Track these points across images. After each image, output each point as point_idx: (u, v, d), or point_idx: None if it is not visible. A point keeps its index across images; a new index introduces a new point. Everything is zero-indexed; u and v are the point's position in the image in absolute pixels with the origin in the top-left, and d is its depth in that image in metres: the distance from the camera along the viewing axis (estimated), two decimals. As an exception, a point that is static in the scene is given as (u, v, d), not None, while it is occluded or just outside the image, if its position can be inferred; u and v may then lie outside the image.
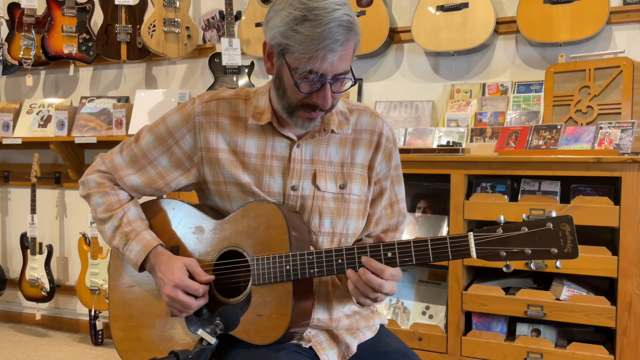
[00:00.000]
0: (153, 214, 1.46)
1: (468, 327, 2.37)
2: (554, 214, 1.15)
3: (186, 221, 1.42)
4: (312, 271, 1.26)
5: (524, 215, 1.18)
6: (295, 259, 1.27)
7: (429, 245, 1.20)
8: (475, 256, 1.18)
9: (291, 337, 1.30)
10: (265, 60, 1.32)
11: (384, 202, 1.47)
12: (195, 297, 1.32)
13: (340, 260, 1.26)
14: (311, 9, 1.19)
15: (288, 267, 1.27)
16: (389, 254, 1.23)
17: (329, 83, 1.24)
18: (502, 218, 1.18)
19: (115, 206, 1.42)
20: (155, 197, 1.50)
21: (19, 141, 3.50)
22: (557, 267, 1.18)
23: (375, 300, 1.25)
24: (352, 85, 1.29)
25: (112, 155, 1.46)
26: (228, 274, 1.36)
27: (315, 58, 1.19)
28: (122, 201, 1.44)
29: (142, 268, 1.40)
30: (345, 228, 1.39)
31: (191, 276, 1.33)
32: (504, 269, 1.18)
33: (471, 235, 1.18)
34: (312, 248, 1.37)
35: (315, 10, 1.18)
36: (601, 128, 2.21)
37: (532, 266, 1.19)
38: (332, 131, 1.39)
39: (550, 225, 1.14)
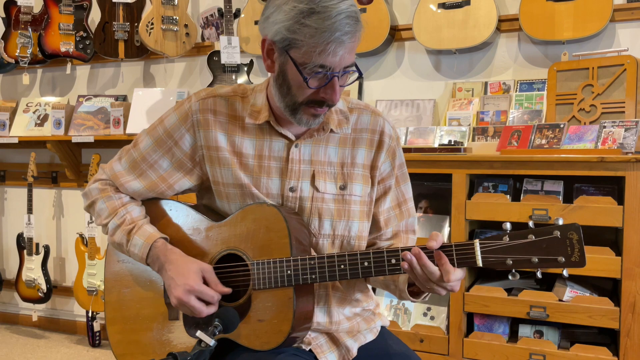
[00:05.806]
0: (150, 214, 1.43)
1: (470, 329, 2.35)
2: (560, 222, 1.12)
3: (184, 222, 1.39)
4: (313, 276, 1.24)
5: (530, 223, 1.15)
6: (297, 264, 1.24)
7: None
8: (481, 264, 1.15)
9: (292, 342, 1.28)
10: (265, 58, 1.28)
11: (390, 202, 1.43)
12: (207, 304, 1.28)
13: (342, 266, 1.23)
14: (317, 1, 1.16)
15: (289, 271, 1.24)
16: (393, 260, 1.21)
17: (336, 76, 1.21)
18: (508, 225, 1.16)
19: (118, 208, 1.40)
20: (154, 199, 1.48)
21: (16, 140, 3.47)
22: (563, 275, 1.16)
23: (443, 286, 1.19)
24: (357, 78, 1.27)
25: (112, 164, 1.44)
26: (227, 277, 1.33)
27: (326, 51, 1.17)
28: (125, 203, 1.41)
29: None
30: (347, 230, 1.36)
31: (205, 283, 1.29)
32: (510, 276, 1.15)
33: (477, 242, 1.15)
34: (312, 251, 1.34)
35: (322, 3, 1.16)
36: (604, 127, 2.19)
37: (539, 274, 1.16)
38: (332, 130, 1.36)
39: (557, 233, 1.12)
